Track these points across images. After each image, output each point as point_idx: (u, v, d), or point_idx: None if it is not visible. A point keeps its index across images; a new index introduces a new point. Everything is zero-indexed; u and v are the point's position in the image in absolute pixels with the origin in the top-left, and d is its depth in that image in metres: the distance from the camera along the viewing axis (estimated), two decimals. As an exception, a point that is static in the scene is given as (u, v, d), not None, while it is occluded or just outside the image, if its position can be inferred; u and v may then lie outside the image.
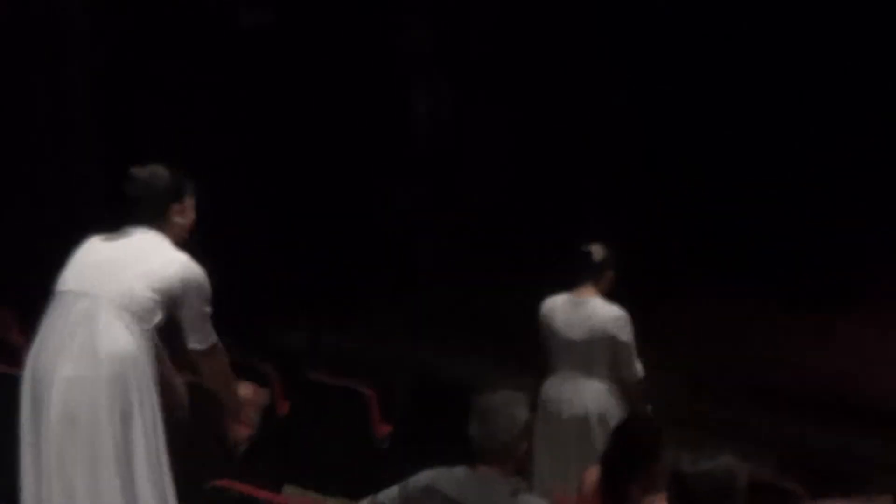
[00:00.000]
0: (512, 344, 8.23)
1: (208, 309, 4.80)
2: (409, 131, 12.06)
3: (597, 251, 6.43)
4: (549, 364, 6.60)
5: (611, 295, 6.54)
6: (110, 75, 9.61)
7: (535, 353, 6.64)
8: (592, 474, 5.10)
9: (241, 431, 6.37)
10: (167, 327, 4.72)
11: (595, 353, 6.45)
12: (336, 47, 10.98)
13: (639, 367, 6.44)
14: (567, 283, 6.52)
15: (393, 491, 4.37)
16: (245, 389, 5.41)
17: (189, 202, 4.88)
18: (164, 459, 4.68)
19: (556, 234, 6.72)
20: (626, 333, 6.40)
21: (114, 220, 4.85)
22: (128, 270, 4.63)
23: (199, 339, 4.80)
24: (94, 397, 4.51)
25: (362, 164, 11.13)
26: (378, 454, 6.52)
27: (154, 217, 4.78)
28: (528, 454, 4.32)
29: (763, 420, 8.54)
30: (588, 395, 6.44)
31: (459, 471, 4.25)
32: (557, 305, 6.54)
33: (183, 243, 4.84)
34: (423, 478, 4.31)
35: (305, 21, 10.89)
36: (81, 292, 4.62)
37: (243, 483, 4.84)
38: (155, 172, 4.83)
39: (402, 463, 6.43)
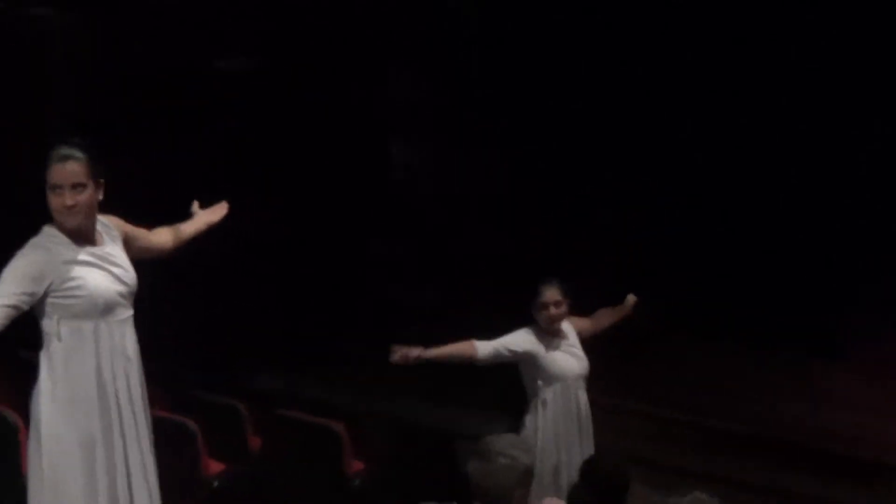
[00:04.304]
0: (491, 390, 8.27)
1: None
2: (389, 180, 12.11)
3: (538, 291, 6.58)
4: None
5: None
6: (86, 116, 9.63)
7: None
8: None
9: (214, 467, 6.41)
10: None
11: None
12: (315, 95, 11.04)
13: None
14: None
15: None
16: None
17: (48, 190, 4.62)
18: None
19: (535, 284, 6.76)
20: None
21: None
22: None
23: None
24: None
25: (341, 211, 11.15)
26: (349, 492, 6.54)
27: None
28: (525, 498, 4.32)
29: (734, 466, 8.54)
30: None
31: None
32: None
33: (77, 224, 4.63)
34: None
35: (285, 68, 10.95)
36: None
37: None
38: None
39: (374, 501, 6.49)
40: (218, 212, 5.42)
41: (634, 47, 11.14)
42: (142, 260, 4.95)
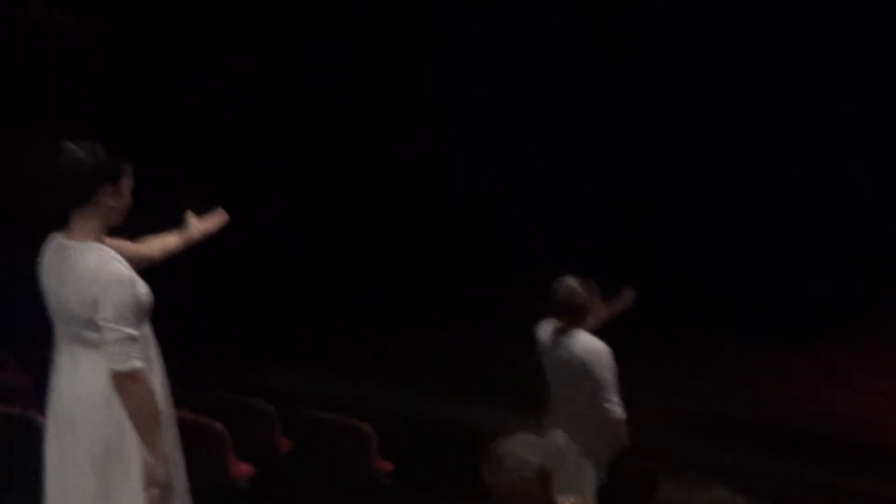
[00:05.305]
0: (502, 385, 8.28)
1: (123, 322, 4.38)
2: (393, 175, 12.08)
3: (569, 290, 6.27)
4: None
5: (598, 329, 6.52)
6: (100, 114, 9.62)
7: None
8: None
9: (243, 469, 6.42)
10: None
11: (574, 385, 6.41)
12: (319, 91, 11.03)
13: (617, 408, 6.21)
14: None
15: None
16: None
17: (125, 185, 4.54)
18: None
19: (537, 274, 6.72)
20: (603, 369, 6.24)
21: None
22: (73, 320, 4.44)
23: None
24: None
25: (345, 206, 11.14)
26: (379, 491, 6.54)
27: (82, 196, 4.46)
28: (547, 498, 4.30)
29: (752, 457, 8.56)
30: (564, 429, 6.39)
31: None
32: (546, 333, 6.54)
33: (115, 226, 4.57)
34: None
35: (284, 66, 10.94)
36: (57, 343, 4.57)
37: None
38: (88, 148, 4.47)
39: (404, 500, 6.51)
40: (215, 220, 5.18)
41: (635, 47, 11.16)
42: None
